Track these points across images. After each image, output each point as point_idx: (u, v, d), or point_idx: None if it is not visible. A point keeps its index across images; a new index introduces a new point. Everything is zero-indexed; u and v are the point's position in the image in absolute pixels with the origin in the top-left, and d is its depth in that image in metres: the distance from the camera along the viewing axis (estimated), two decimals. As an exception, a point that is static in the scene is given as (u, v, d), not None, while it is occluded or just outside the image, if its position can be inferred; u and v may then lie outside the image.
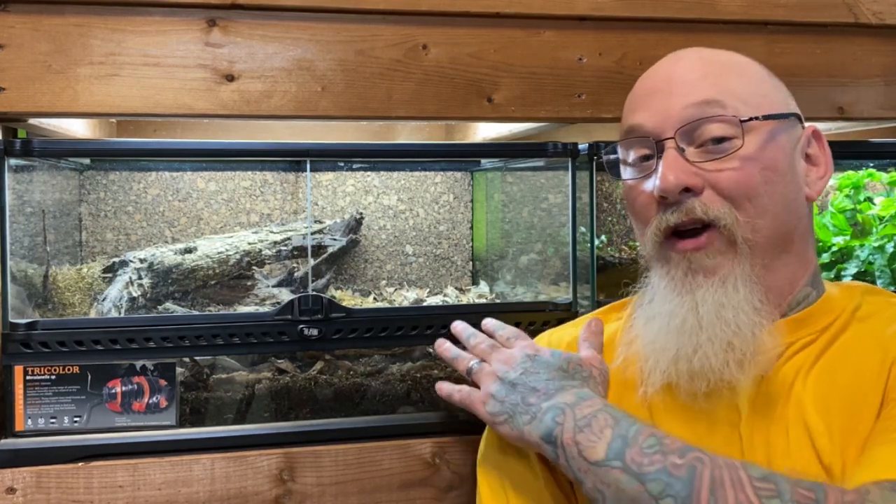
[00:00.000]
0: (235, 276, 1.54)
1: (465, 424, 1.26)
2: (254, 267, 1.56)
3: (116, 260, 1.42)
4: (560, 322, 1.25)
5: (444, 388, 1.00)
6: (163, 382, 1.19)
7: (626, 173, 0.92)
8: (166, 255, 1.45)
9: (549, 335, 1.03)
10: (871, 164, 1.62)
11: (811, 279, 0.89)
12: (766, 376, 0.84)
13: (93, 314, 1.35)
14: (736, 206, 0.83)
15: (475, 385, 0.94)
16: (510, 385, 0.88)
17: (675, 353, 0.84)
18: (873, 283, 1.52)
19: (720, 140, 0.83)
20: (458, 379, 1.01)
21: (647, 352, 0.87)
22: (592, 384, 0.88)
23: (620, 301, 1.03)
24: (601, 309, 1.05)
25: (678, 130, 0.84)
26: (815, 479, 0.74)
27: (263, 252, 1.56)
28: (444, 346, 1.03)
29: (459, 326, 1.04)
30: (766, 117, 0.84)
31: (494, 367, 0.92)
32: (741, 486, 0.71)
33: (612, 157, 0.93)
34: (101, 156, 1.55)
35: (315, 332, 1.22)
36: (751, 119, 0.83)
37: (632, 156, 0.91)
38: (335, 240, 1.66)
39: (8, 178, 1.16)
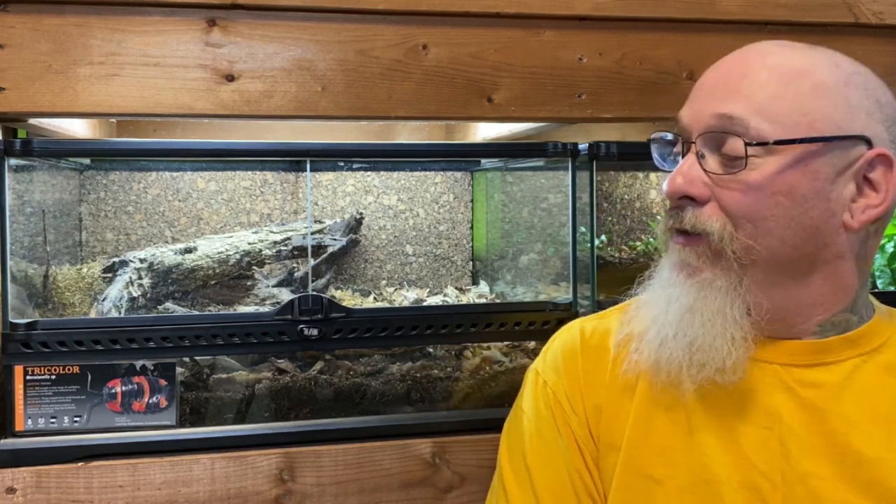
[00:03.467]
0: (235, 276, 1.54)
1: (465, 424, 1.27)
2: (254, 267, 1.56)
3: (116, 260, 1.42)
4: (560, 322, 1.25)
5: None
6: (163, 382, 1.19)
7: (664, 162, 0.92)
8: (166, 255, 1.45)
9: (580, 323, 1.00)
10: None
11: (851, 305, 0.87)
12: (811, 394, 0.84)
13: (93, 314, 1.35)
14: (734, 224, 0.82)
15: None
16: None
17: (649, 343, 0.86)
18: (874, 283, 1.52)
19: (737, 157, 0.82)
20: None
21: (625, 338, 0.90)
22: None
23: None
24: (633, 300, 1.02)
25: (700, 136, 0.84)
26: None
27: (263, 252, 1.56)
28: None
29: None
30: (783, 142, 0.81)
31: None
32: None
33: (660, 138, 0.92)
34: (101, 156, 1.55)
35: (315, 332, 1.22)
36: (763, 144, 0.80)
37: (669, 146, 0.91)
38: (335, 240, 1.66)
39: (8, 178, 1.16)
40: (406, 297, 1.64)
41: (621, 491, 0.88)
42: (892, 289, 1.49)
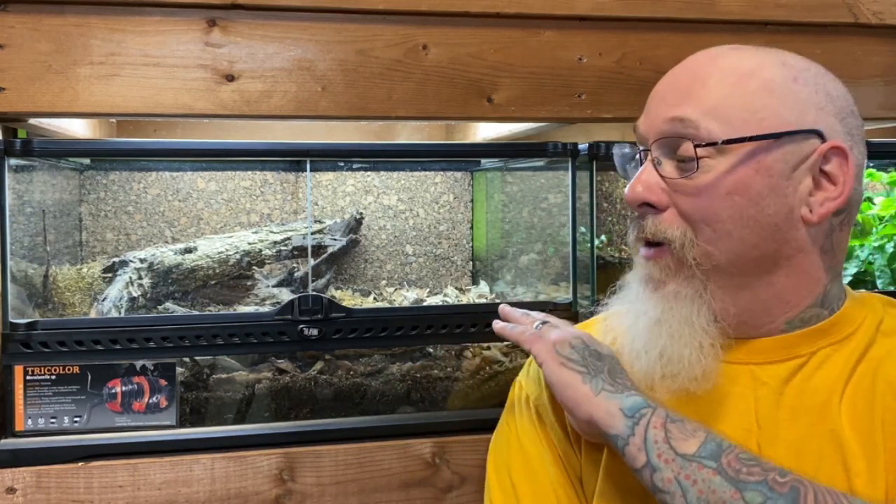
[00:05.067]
0: (235, 276, 1.54)
1: (465, 424, 1.27)
2: (254, 267, 1.56)
3: (116, 260, 1.42)
4: (560, 322, 1.25)
5: (498, 323, 0.98)
6: (163, 382, 1.19)
7: (629, 173, 0.93)
8: (166, 255, 1.45)
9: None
10: (871, 164, 1.62)
11: (821, 300, 0.87)
12: (782, 389, 0.84)
13: (93, 314, 1.35)
14: (693, 229, 0.83)
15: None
16: (594, 353, 0.87)
17: (624, 359, 0.87)
18: (873, 283, 1.52)
19: (690, 159, 0.83)
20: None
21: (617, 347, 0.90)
22: None
23: None
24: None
25: (654, 143, 0.85)
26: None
27: (263, 252, 1.56)
28: (500, 322, 0.99)
29: (508, 308, 1.01)
30: (731, 141, 0.81)
31: (568, 330, 0.91)
32: None
33: (623, 151, 0.94)
34: (101, 156, 1.55)
35: (315, 332, 1.22)
36: (714, 144, 0.81)
37: (630, 155, 0.93)
38: (335, 240, 1.66)
39: (8, 178, 1.16)
40: (406, 297, 1.64)
41: None
42: (892, 289, 1.49)
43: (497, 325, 0.99)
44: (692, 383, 0.83)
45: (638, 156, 0.89)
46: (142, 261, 1.41)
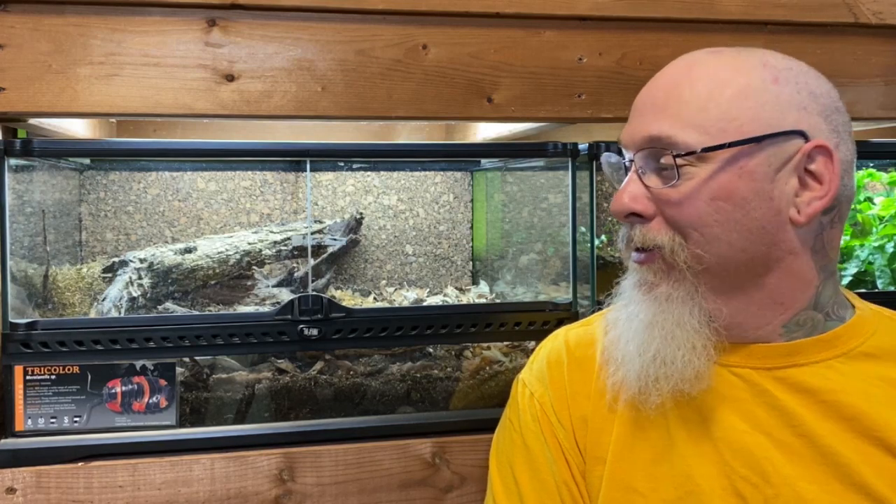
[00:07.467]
0: (235, 276, 1.54)
1: (465, 424, 1.27)
2: (254, 267, 1.56)
3: (116, 260, 1.42)
4: (560, 323, 1.25)
5: None
6: (163, 382, 1.19)
7: (615, 178, 0.95)
8: (166, 255, 1.45)
9: (565, 332, 1.01)
10: (871, 164, 1.62)
11: (812, 303, 0.87)
12: (787, 397, 0.84)
13: (93, 314, 1.35)
14: (682, 235, 0.84)
15: None
16: None
17: (620, 362, 0.87)
18: (873, 283, 1.52)
19: (671, 168, 0.83)
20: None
21: (606, 358, 0.90)
22: None
23: None
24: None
25: (636, 154, 0.86)
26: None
27: (263, 252, 1.56)
28: None
29: None
30: (710, 149, 0.81)
31: None
32: None
33: (610, 161, 0.95)
34: (101, 156, 1.55)
35: (315, 332, 1.22)
36: (692, 153, 0.82)
37: (616, 166, 0.94)
38: (335, 240, 1.66)
39: (8, 178, 1.16)
40: (406, 297, 1.64)
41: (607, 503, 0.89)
42: (892, 289, 1.49)
43: None
44: (685, 384, 0.84)
45: (623, 165, 0.90)
46: (142, 261, 1.41)
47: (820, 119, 0.83)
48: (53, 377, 1.16)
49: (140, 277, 1.40)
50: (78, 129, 1.55)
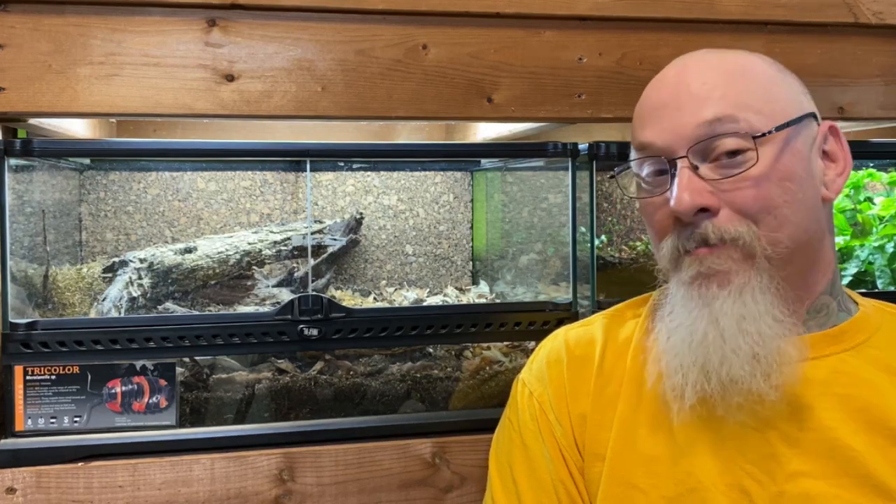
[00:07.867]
0: (235, 276, 1.54)
1: (465, 424, 1.27)
2: (254, 267, 1.56)
3: (116, 260, 1.42)
4: (560, 323, 1.25)
5: None
6: (163, 382, 1.19)
7: (642, 190, 0.90)
8: (166, 255, 1.45)
9: (565, 332, 1.00)
10: (871, 164, 1.62)
11: (829, 287, 0.87)
12: (797, 392, 0.83)
13: (93, 314, 1.35)
14: (756, 222, 0.81)
15: None
16: None
17: (702, 367, 0.82)
18: (873, 283, 1.52)
19: (734, 153, 0.81)
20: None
21: (673, 368, 0.84)
22: None
23: (639, 298, 1.01)
24: (618, 306, 1.02)
25: (690, 149, 0.83)
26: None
27: (263, 252, 1.56)
28: None
29: None
30: (780, 127, 0.82)
31: None
32: None
33: (625, 171, 0.91)
34: (101, 156, 1.55)
35: (315, 332, 1.22)
36: (763, 134, 0.81)
37: (645, 171, 0.88)
38: (335, 240, 1.66)
39: (8, 178, 1.16)
40: (406, 297, 1.64)
41: (607, 501, 0.88)
42: (892, 289, 1.49)
43: None
44: (790, 378, 0.81)
45: (666, 168, 0.86)
46: (142, 261, 1.41)
47: (814, 104, 0.89)
48: (53, 377, 1.16)
49: (140, 277, 1.40)
50: (78, 129, 1.55)
